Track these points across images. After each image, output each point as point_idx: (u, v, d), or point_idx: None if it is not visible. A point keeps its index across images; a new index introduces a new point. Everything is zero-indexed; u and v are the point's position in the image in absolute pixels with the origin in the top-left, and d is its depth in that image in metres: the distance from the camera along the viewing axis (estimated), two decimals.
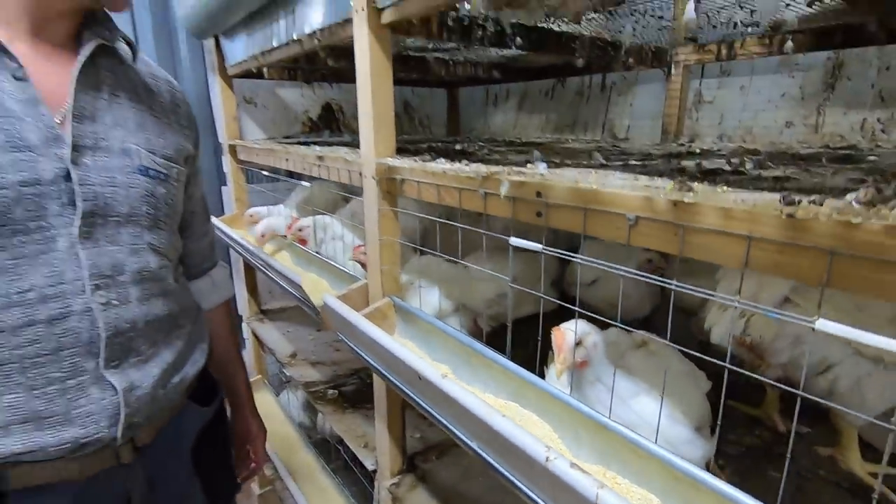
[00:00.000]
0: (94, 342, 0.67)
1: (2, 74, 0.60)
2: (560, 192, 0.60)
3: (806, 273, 0.41)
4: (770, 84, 1.42)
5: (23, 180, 0.61)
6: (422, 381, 0.67)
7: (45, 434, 0.64)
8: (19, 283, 0.62)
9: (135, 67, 0.76)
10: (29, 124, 0.61)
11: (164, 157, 0.76)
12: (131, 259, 0.71)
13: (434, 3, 0.78)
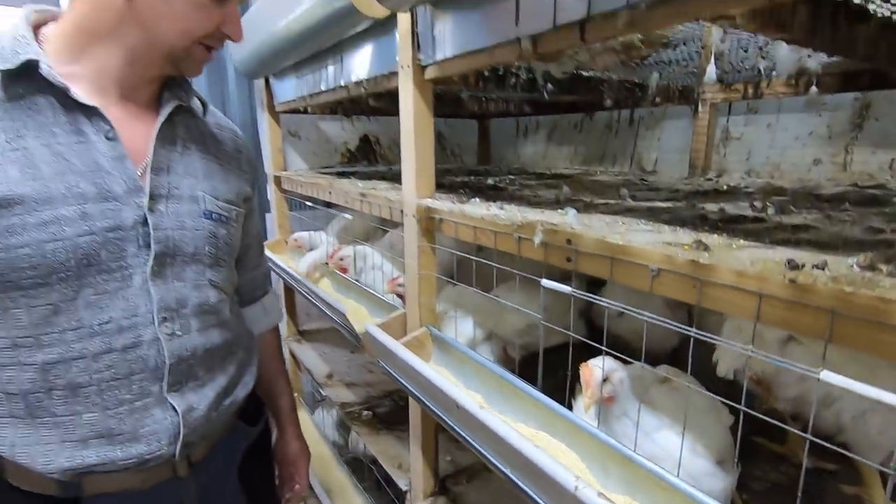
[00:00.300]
0: (159, 368, 0.74)
1: (97, 136, 0.69)
2: (589, 242, 0.66)
3: (810, 329, 0.46)
4: (797, 122, 1.46)
5: (108, 226, 0.69)
6: (459, 410, 0.73)
7: (115, 449, 0.72)
8: (101, 316, 0.69)
9: (205, 120, 0.85)
10: (116, 178, 0.70)
11: (225, 201, 0.83)
12: (194, 294, 0.77)
13: (473, 65, 0.87)
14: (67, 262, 0.66)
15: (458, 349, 1.00)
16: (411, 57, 0.97)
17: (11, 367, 0.67)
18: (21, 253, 0.64)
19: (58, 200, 0.65)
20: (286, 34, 1.31)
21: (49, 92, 0.66)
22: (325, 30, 1.16)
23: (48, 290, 0.66)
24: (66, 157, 0.66)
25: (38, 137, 0.65)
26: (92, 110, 0.68)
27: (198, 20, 0.71)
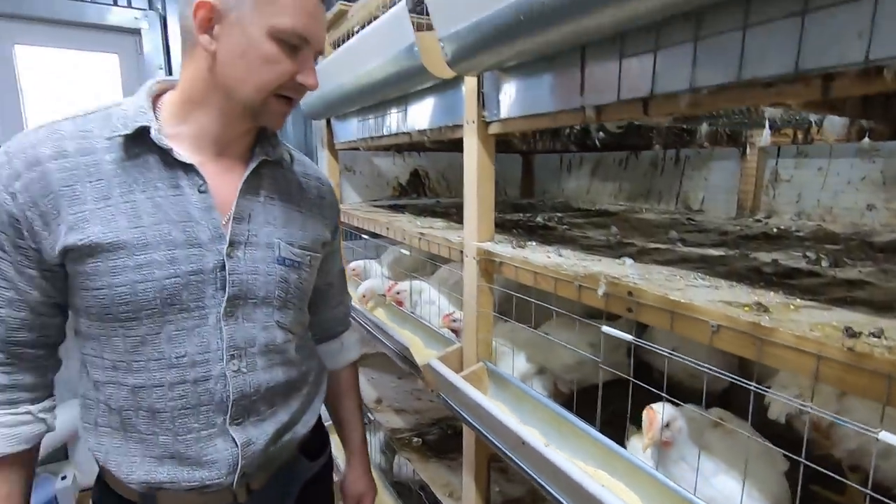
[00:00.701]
0: (223, 402, 0.79)
1: (191, 189, 0.77)
2: (650, 296, 0.72)
3: (868, 392, 0.50)
4: (849, 167, 1.47)
5: (192, 270, 0.76)
6: (525, 447, 0.79)
7: (182, 471, 0.79)
8: (178, 350, 0.76)
9: (292, 170, 0.91)
10: (203, 226, 0.77)
11: (300, 248, 0.88)
12: (261, 334, 0.82)
13: (535, 125, 0.95)
14: (154, 300, 0.74)
15: (514, 384, 1.05)
16: (476, 114, 1.06)
17: (111, 385, 0.77)
18: (119, 290, 0.72)
19: (152, 246, 0.73)
20: (356, 86, 1.43)
21: (157, 152, 0.75)
22: (394, 84, 1.27)
23: (138, 324, 0.74)
24: (163, 208, 0.75)
25: (144, 191, 0.74)
26: (189, 167, 0.77)
27: (269, 73, 0.75)
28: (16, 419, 0.77)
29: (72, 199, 0.71)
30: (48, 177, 0.70)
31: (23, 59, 2.55)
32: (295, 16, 0.73)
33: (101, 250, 0.71)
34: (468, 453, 1.24)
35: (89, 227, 0.71)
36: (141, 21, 2.69)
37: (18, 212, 0.70)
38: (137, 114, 0.75)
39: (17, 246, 0.72)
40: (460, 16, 0.84)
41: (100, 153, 0.73)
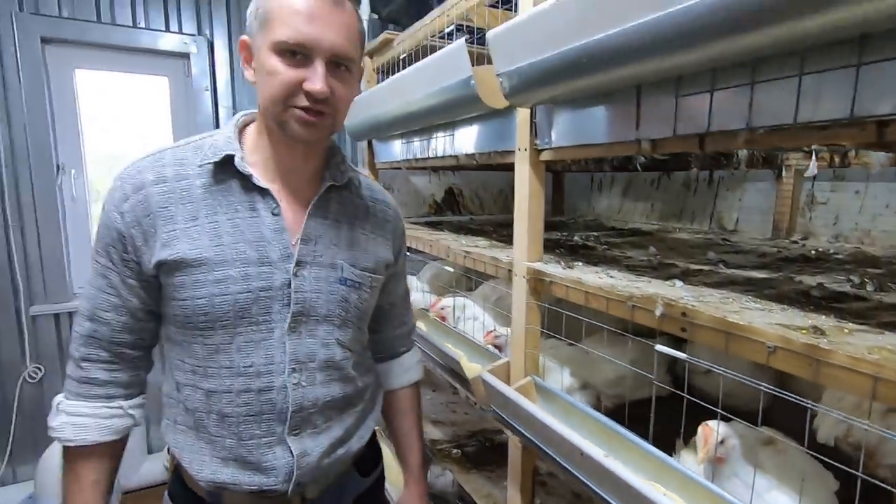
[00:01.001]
0: (283, 412, 0.84)
1: (266, 211, 0.83)
2: (705, 317, 0.77)
3: None
4: (887, 191, 1.49)
5: (262, 287, 0.81)
6: (583, 457, 0.84)
7: (244, 474, 0.84)
8: (246, 360, 0.82)
9: (360, 194, 0.96)
10: (274, 246, 0.83)
11: (362, 269, 0.93)
12: (322, 350, 0.87)
13: (588, 154, 1.01)
14: (228, 312, 0.80)
15: (562, 398, 1.10)
16: (529, 141, 1.13)
17: (189, 387, 0.85)
18: (199, 302, 0.80)
19: (229, 263, 0.80)
20: (405, 112, 1.51)
21: (239, 177, 0.83)
22: (446, 112, 1.35)
23: (214, 333, 0.81)
24: (241, 228, 0.82)
25: (226, 213, 0.82)
26: (265, 191, 0.83)
27: (274, 84, 0.77)
28: (109, 412, 0.85)
29: (166, 219, 0.80)
30: (149, 199, 0.80)
31: (81, 81, 2.72)
32: (289, 27, 0.74)
33: (186, 265, 0.79)
34: (514, 465, 1.29)
35: (178, 244, 0.79)
36: (190, 46, 2.84)
37: (125, 229, 0.80)
38: (225, 143, 0.83)
39: (122, 259, 0.82)
40: (522, 55, 0.92)
41: (192, 178, 0.82)
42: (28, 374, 2.67)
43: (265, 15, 0.77)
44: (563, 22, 0.79)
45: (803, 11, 0.50)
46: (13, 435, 2.67)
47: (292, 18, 0.74)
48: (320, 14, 0.75)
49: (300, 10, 0.74)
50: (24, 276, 2.61)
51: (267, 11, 0.76)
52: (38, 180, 2.59)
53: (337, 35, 0.77)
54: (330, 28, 0.76)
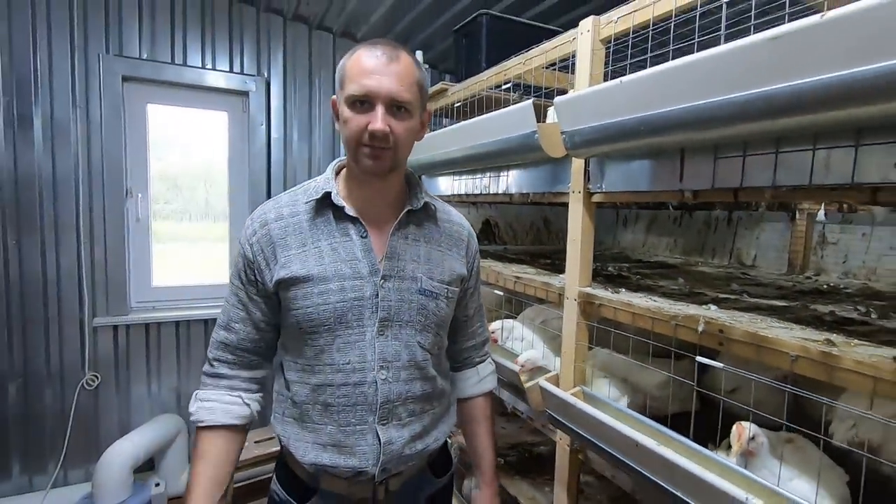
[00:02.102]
0: (374, 404, 0.97)
1: (356, 236, 0.99)
2: (739, 332, 0.96)
3: None
4: (891, 234, 1.68)
5: (355, 297, 0.96)
6: (638, 448, 1.01)
7: (340, 458, 0.97)
8: (344, 358, 0.96)
9: (435, 217, 1.08)
10: (364, 263, 0.97)
11: (438, 281, 1.04)
12: (404, 351, 0.99)
13: (635, 199, 1.23)
14: (329, 319, 0.95)
15: (611, 405, 1.28)
16: (582, 185, 1.35)
17: (298, 384, 0.99)
18: (307, 311, 0.95)
19: (330, 278, 0.95)
20: (465, 154, 1.75)
21: (334, 209, 0.99)
22: (506, 157, 1.57)
23: (318, 336, 0.96)
24: (338, 250, 0.97)
25: (326, 239, 0.98)
26: (355, 219, 0.99)
27: (348, 130, 0.93)
28: (231, 399, 1.03)
29: (284, 246, 0.97)
30: (271, 233, 0.98)
31: (152, 115, 3.02)
32: (358, 83, 0.90)
33: (298, 282, 0.95)
34: (561, 467, 1.45)
35: (292, 265, 0.96)
36: (249, 84, 3.14)
37: (252, 257, 0.99)
38: (325, 183, 1.01)
39: (249, 280, 1.00)
40: (585, 119, 1.14)
41: (301, 214, 0.99)
42: (86, 382, 2.86)
43: (342, 77, 0.94)
44: (625, 98, 1.02)
45: (808, 111, 0.71)
46: (68, 440, 2.84)
47: (358, 76, 0.91)
48: (379, 69, 0.91)
49: (364, 69, 0.91)
50: (90, 289, 2.83)
51: (343, 74, 0.94)
52: (109, 202, 2.84)
53: (392, 83, 0.91)
54: (387, 78, 0.91)
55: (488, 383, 1.25)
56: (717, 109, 0.84)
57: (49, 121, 2.68)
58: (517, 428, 2.16)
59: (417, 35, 2.99)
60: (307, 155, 3.26)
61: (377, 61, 0.92)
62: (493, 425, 1.26)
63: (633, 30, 1.19)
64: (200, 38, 2.99)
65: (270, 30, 3.14)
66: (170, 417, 2.98)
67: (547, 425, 1.55)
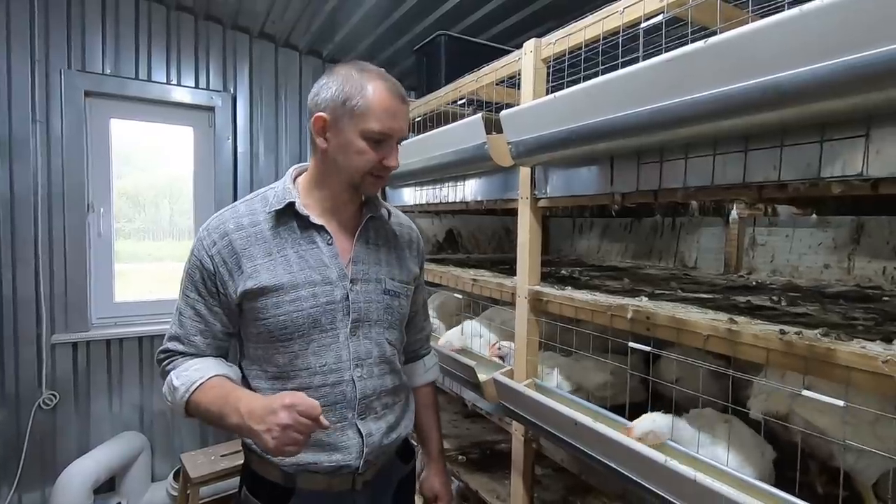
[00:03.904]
0: (352, 400, 1.02)
1: (322, 243, 1.03)
2: (662, 319, 1.08)
3: (796, 367, 0.85)
4: (809, 235, 1.86)
5: (327, 301, 1.01)
6: (577, 426, 1.11)
7: (323, 454, 1.01)
8: (320, 361, 1.01)
9: (390, 222, 1.16)
10: (332, 269, 1.03)
11: (399, 281, 1.12)
12: (376, 348, 1.06)
13: (575, 202, 1.35)
14: (303, 325, 0.99)
15: (559, 393, 1.38)
16: (529, 192, 1.47)
17: (270, 391, 1.01)
18: (280, 319, 0.99)
19: (300, 286, 0.99)
20: (424, 166, 1.85)
21: (298, 218, 1.03)
22: (460, 167, 1.68)
23: (292, 343, 1.00)
24: (305, 258, 1.02)
25: (292, 247, 1.02)
26: (320, 227, 1.04)
27: (361, 161, 0.99)
28: (215, 360, 1.04)
29: (248, 257, 1.00)
30: (233, 244, 1.00)
31: (115, 130, 3.02)
32: (379, 121, 0.96)
33: (267, 291, 0.99)
34: (517, 457, 1.54)
35: (260, 275, 0.99)
36: (215, 100, 3.18)
37: (213, 268, 1.01)
38: (286, 192, 1.03)
39: (210, 292, 1.02)
40: (528, 130, 1.26)
41: (262, 224, 1.02)
42: (43, 401, 2.79)
43: (361, 109, 0.96)
44: (558, 111, 1.14)
45: (701, 121, 0.84)
46: (23, 462, 2.75)
47: (383, 116, 0.97)
48: (397, 111, 0.99)
49: (388, 110, 0.98)
50: (48, 306, 2.78)
51: (363, 105, 0.96)
52: (70, 217, 2.81)
53: (405, 124, 1.02)
54: (402, 120, 1.01)
55: (432, 374, 1.34)
56: (632, 120, 0.97)
57: (7, 136, 2.65)
58: (480, 428, 2.24)
59: (380, 54, 3.10)
60: (274, 168, 3.31)
61: (396, 102, 0.99)
62: (438, 410, 1.35)
63: (569, 50, 1.32)
64: (165, 54, 3.02)
65: (237, 47, 3.20)
66: (132, 435, 2.93)
67: (504, 419, 1.64)
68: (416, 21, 2.66)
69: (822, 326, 1.00)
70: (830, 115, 0.75)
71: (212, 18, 3.09)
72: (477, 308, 2.03)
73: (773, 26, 0.73)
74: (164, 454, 3.07)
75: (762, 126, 0.82)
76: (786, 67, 0.71)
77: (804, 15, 0.70)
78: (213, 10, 2.99)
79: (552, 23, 2.42)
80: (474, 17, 2.52)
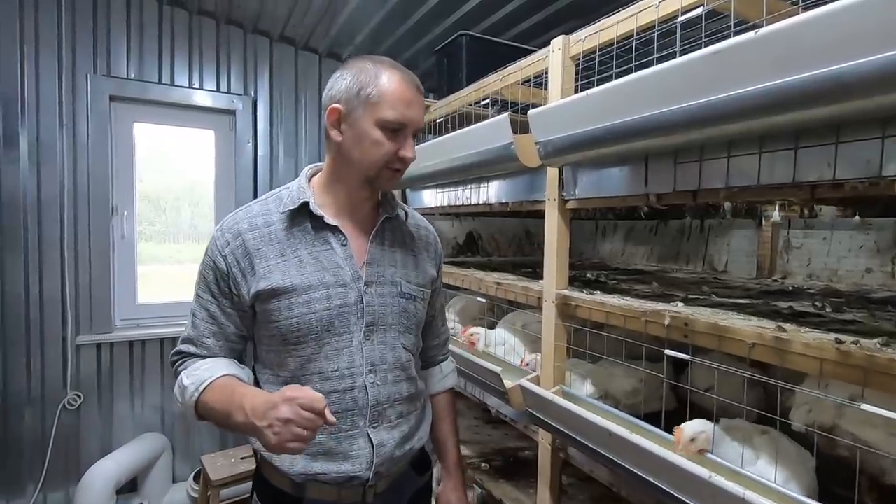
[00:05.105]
0: (364, 408, 0.98)
1: (337, 244, 1.00)
2: (702, 326, 1.03)
3: (853, 379, 0.80)
4: (849, 238, 1.78)
5: (341, 304, 0.98)
6: (611, 437, 1.07)
7: (332, 464, 0.97)
8: (332, 365, 0.97)
9: (406, 223, 1.13)
10: (346, 271, 1.00)
11: (415, 284, 1.09)
12: (390, 353, 1.02)
13: (605, 204, 1.30)
14: (316, 328, 0.96)
15: (588, 401, 1.33)
16: (557, 193, 1.42)
17: None
18: (293, 321, 0.96)
19: (313, 287, 0.97)
20: (448, 167, 1.82)
21: (312, 218, 1.00)
22: (485, 167, 1.65)
23: (304, 346, 0.97)
24: (319, 259, 0.99)
25: (306, 248, 0.99)
26: (335, 228, 1.00)
27: (378, 152, 0.95)
28: (226, 361, 1.01)
29: (261, 257, 0.97)
30: (247, 244, 0.98)
31: (138, 134, 3.06)
32: (395, 109, 0.93)
33: (280, 293, 0.96)
34: (543, 463, 1.49)
35: (272, 276, 0.96)
36: (236, 103, 3.20)
37: (227, 268, 0.98)
38: (300, 192, 1.01)
39: (223, 292, 1.00)
40: (557, 129, 1.22)
41: (276, 224, 1.00)
42: (68, 401, 2.82)
43: (376, 97, 0.94)
44: (593, 109, 1.10)
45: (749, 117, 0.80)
46: (48, 461, 2.79)
47: (398, 104, 0.94)
48: (414, 100, 0.97)
49: (403, 98, 0.95)
50: (73, 307, 2.82)
51: (377, 94, 0.94)
52: (95, 220, 2.85)
53: (421, 114, 1.00)
54: (418, 110, 0.98)
55: (450, 380, 1.29)
56: (671, 117, 0.92)
57: (35, 140, 2.70)
58: (502, 434, 2.20)
59: (401, 55, 3.09)
60: (293, 171, 3.32)
61: (412, 91, 0.96)
62: (456, 419, 1.29)
63: (599, 47, 1.28)
64: (188, 58, 3.05)
65: (257, 50, 3.22)
66: (154, 436, 2.95)
67: (529, 426, 1.59)
68: (437, 22, 2.64)
69: (874, 334, 0.94)
70: (893, 107, 0.69)
71: (233, 23, 3.11)
72: (500, 312, 1.99)
73: (833, 14, 0.68)
74: (184, 456, 3.09)
75: (817, 121, 0.77)
76: (848, 58, 0.66)
77: (866, 1, 0.65)
78: (234, 14, 3.01)
79: (573, 22, 2.37)
80: (495, 17, 2.49)
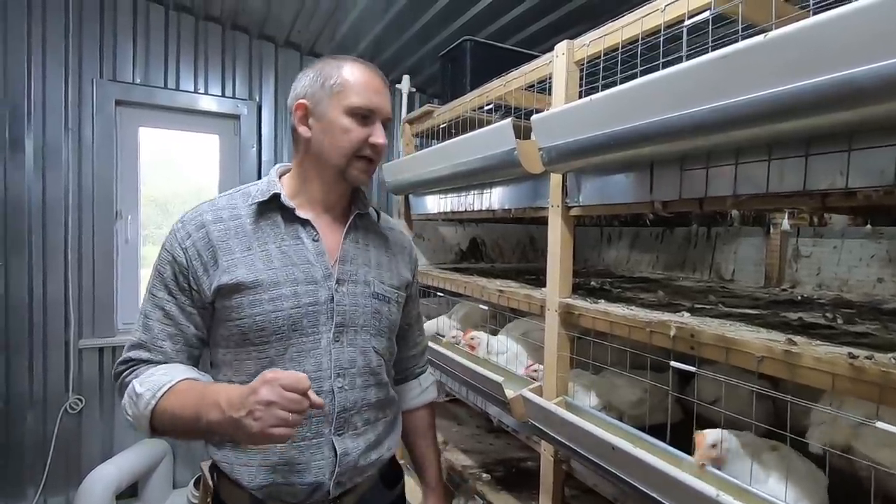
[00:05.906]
0: (330, 414, 0.93)
1: (308, 239, 0.97)
2: (709, 337, 1.00)
3: (867, 395, 0.77)
4: (860, 246, 1.74)
5: (310, 302, 0.93)
6: (615, 451, 1.04)
7: (294, 475, 0.92)
8: (298, 368, 0.90)
9: (378, 224, 1.11)
10: (317, 267, 0.96)
11: (389, 285, 1.06)
12: (360, 357, 0.98)
13: (610, 211, 1.28)
14: (282, 326, 0.91)
15: (592, 414, 1.30)
16: (560, 199, 1.40)
17: None
18: (257, 319, 0.91)
19: (281, 283, 0.92)
20: (451, 173, 1.80)
21: (283, 212, 0.97)
22: (488, 173, 1.63)
23: (268, 347, 0.92)
24: (288, 254, 0.95)
25: (274, 242, 0.95)
26: (306, 222, 0.98)
27: (347, 139, 0.94)
28: (182, 365, 0.93)
29: (225, 250, 0.93)
30: (210, 235, 0.93)
31: (143, 138, 3.06)
32: (360, 95, 0.94)
33: (244, 288, 0.91)
34: (546, 475, 1.46)
35: (237, 270, 0.92)
36: (241, 108, 3.21)
37: (187, 262, 0.93)
38: (270, 185, 0.99)
39: (182, 289, 0.93)
40: (561, 135, 1.20)
41: (243, 217, 0.96)
42: (69, 405, 2.82)
43: (341, 86, 0.94)
44: (597, 114, 1.08)
45: (757, 123, 0.77)
46: (49, 465, 2.78)
47: (364, 90, 0.95)
48: (379, 89, 0.98)
49: (369, 85, 0.96)
50: (76, 311, 2.82)
51: (341, 83, 0.94)
52: (99, 224, 2.86)
53: (387, 103, 0.99)
54: (384, 98, 0.99)
55: (430, 394, 1.26)
56: (677, 123, 0.90)
57: (41, 144, 2.72)
58: (504, 444, 2.16)
59: (405, 60, 3.09)
60: None
61: (377, 80, 0.98)
62: (436, 436, 1.26)
63: (604, 52, 1.26)
64: (193, 63, 3.06)
65: (262, 55, 3.23)
66: (155, 442, 2.93)
67: (531, 437, 1.56)
68: (441, 27, 2.63)
69: (888, 348, 0.90)
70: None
71: (239, 28, 3.12)
72: (503, 319, 1.96)
73: (845, 17, 0.66)
74: (185, 461, 3.07)
75: (829, 127, 0.75)
76: (861, 62, 0.64)
77: (882, 3, 0.62)
78: (240, 19, 3.02)
79: (579, 27, 2.35)
80: (500, 22, 2.47)
